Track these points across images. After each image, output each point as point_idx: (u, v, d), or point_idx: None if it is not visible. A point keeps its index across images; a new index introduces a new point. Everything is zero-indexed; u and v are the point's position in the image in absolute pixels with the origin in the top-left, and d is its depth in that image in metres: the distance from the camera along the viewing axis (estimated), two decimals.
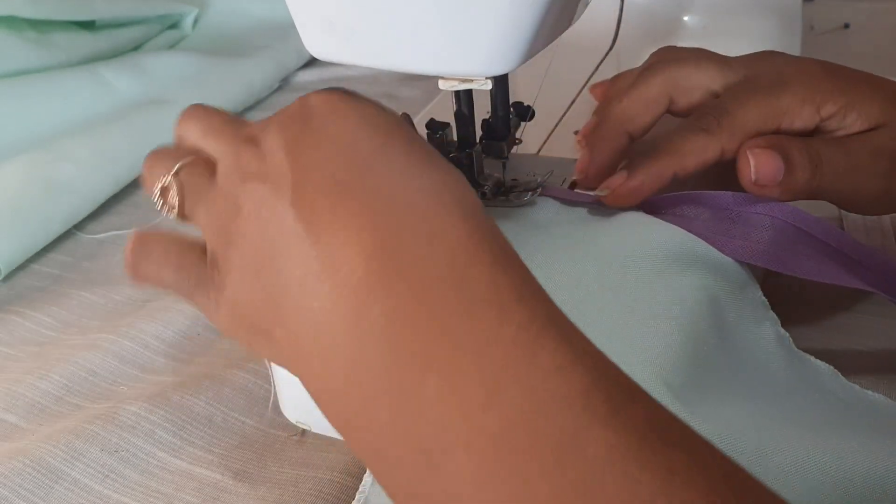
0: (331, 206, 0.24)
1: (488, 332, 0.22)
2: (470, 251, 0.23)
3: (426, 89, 0.72)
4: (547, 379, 0.21)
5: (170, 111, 0.67)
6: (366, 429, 0.23)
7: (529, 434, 0.20)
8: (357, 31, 0.34)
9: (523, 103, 0.41)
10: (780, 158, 0.36)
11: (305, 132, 0.27)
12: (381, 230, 0.24)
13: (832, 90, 0.37)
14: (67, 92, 0.67)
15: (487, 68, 0.33)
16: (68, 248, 0.58)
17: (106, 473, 0.39)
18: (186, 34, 0.84)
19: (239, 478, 0.38)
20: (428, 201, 0.24)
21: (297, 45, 0.79)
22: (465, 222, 0.24)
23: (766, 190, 0.36)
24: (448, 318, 0.22)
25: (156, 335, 0.47)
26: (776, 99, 0.37)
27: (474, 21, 0.31)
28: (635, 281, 0.35)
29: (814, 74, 0.38)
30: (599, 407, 0.20)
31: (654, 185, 0.37)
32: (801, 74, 0.38)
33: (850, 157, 0.37)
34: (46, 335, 0.49)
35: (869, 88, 0.37)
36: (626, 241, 0.36)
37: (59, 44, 0.71)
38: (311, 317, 0.24)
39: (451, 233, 0.23)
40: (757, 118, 0.37)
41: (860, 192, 0.37)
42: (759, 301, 0.37)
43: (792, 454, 0.30)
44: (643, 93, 0.41)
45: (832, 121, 0.37)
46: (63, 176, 0.58)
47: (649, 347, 0.32)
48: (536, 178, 0.42)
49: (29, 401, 0.43)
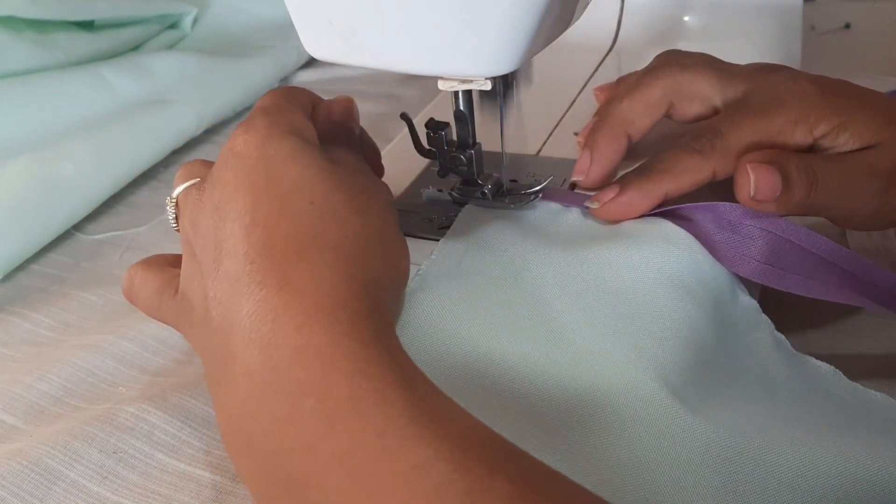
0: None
1: (348, 442, 0.25)
2: (328, 362, 0.27)
3: (426, 89, 0.72)
4: (407, 479, 0.23)
5: (169, 111, 0.68)
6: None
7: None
8: (357, 31, 0.33)
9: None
10: (779, 174, 0.36)
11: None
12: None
13: (826, 110, 0.37)
14: (67, 92, 0.67)
15: (487, 68, 0.33)
16: (67, 248, 0.58)
17: (104, 475, 0.39)
18: (186, 34, 0.84)
19: (238, 479, 0.38)
20: (302, 305, 0.28)
21: (296, 45, 0.79)
22: (329, 330, 0.28)
23: (763, 205, 0.36)
24: (314, 430, 0.26)
25: (154, 336, 0.47)
26: (769, 120, 0.37)
27: (474, 21, 0.31)
28: (634, 283, 0.35)
29: (808, 94, 0.38)
30: (456, 497, 0.22)
31: (644, 202, 0.38)
32: (796, 94, 0.38)
33: (844, 175, 0.37)
34: (45, 336, 0.49)
35: (862, 109, 0.38)
36: (627, 246, 0.36)
37: (58, 44, 0.71)
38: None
39: (316, 342, 0.27)
40: (750, 140, 0.37)
41: (854, 209, 0.37)
42: (752, 306, 0.37)
43: (795, 457, 0.30)
44: (645, 95, 0.41)
45: (826, 140, 0.37)
46: (62, 176, 0.58)
47: (649, 349, 0.32)
48: (536, 179, 0.42)
49: (27, 402, 0.43)
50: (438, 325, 0.34)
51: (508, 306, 0.35)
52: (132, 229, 0.59)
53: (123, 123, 0.65)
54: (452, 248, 0.38)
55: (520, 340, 0.33)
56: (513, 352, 0.33)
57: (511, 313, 0.34)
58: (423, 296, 0.35)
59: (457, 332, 0.34)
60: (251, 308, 0.29)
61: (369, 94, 0.76)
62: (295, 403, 0.26)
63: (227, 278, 0.30)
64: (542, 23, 0.32)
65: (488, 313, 0.34)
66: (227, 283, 0.30)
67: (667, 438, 0.30)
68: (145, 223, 0.59)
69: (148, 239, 0.58)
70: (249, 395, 0.28)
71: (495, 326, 0.34)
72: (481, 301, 0.35)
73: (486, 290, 0.35)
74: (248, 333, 0.28)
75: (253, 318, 0.29)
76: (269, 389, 0.27)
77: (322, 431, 0.25)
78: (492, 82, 0.34)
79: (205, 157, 0.68)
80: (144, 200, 0.63)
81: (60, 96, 0.67)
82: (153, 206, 0.62)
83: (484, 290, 0.35)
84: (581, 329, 0.33)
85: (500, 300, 0.35)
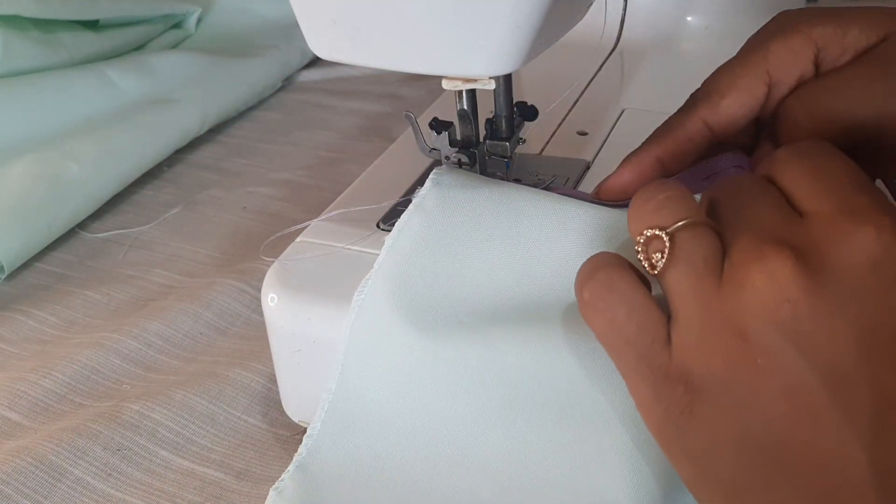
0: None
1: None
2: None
3: (429, 89, 0.72)
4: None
5: (173, 110, 0.68)
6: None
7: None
8: (361, 30, 0.33)
9: (527, 103, 0.41)
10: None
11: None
12: None
13: (820, 17, 0.32)
14: (71, 91, 0.67)
15: (491, 68, 0.33)
16: (72, 246, 0.58)
17: (108, 472, 0.39)
18: (190, 33, 0.85)
19: (241, 477, 0.38)
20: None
21: (300, 45, 0.80)
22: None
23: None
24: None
25: (158, 334, 0.47)
26: (757, 53, 0.33)
27: (478, 20, 0.31)
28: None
29: (792, 17, 0.33)
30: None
31: (635, 172, 0.34)
32: (780, 23, 0.33)
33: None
34: (49, 333, 0.49)
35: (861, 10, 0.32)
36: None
37: (63, 43, 0.71)
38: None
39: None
40: (731, 79, 0.33)
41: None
42: None
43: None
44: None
45: (831, 47, 0.32)
46: (67, 175, 0.58)
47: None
48: (540, 178, 0.42)
49: (32, 399, 0.43)
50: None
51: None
52: (136, 228, 0.59)
53: (127, 122, 0.65)
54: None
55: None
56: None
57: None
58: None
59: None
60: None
61: (373, 93, 0.77)
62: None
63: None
64: (546, 22, 0.32)
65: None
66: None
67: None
68: (149, 222, 0.60)
69: (152, 237, 0.58)
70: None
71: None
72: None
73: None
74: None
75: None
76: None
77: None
78: (495, 82, 0.34)
79: (208, 156, 0.69)
80: (148, 199, 0.63)
81: (65, 95, 0.67)
82: (157, 204, 0.62)
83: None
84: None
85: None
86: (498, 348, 0.31)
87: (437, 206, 0.34)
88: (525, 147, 0.43)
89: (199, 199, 0.62)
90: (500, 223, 0.33)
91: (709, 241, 0.24)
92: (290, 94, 0.79)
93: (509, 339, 0.31)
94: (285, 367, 0.38)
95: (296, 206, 0.60)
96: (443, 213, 0.34)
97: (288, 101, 0.78)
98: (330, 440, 0.33)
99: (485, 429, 0.32)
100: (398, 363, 0.33)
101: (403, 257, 0.33)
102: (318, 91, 0.79)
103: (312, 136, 0.71)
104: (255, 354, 0.44)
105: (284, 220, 0.57)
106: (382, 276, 0.33)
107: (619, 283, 0.26)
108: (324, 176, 0.64)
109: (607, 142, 0.46)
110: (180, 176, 0.66)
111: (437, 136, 0.40)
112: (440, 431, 0.32)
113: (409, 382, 0.32)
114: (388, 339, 0.33)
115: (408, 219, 0.34)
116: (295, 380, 0.38)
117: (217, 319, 0.48)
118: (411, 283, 0.33)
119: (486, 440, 0.32)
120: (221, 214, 0.60)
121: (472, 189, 0.34)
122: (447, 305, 0.33)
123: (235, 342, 0.47)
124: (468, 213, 0.34)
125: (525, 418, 0.31)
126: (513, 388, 0.31)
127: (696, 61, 0.55)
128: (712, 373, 0.24)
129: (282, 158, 0.67)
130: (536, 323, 0.31)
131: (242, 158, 0.68)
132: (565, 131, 0.49)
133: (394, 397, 0.33)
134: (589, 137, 0.47)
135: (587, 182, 0.43)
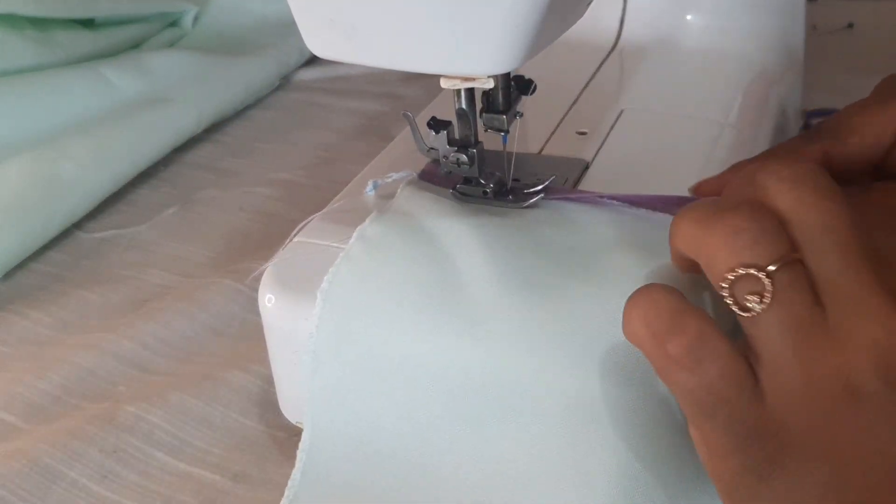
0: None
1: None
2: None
3: (428, 88, 0.72)
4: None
5: (170, 109, 0.68)
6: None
7: None
8: (358, 29, 0.33)
9: (524, 77, 0.41)
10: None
11: None
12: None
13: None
14: (67, 90, 0.67)
15: (489, 67, 0.33)
16: (68, 246, 0.57)
17: (104, 474, 0.38)
18: (186, 32, 0.84)
19: (238, 479, 0.38)
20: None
21: (297, 43, 0.79)
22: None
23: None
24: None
25: (154, 335, 0.47)
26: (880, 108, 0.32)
27: (476, 19, 0.31)
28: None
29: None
30: None
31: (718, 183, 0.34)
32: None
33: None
34: (45, 334, 0.49)
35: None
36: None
37: (59, 42, 0.71)
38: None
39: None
40: (865, 118, 0.32)
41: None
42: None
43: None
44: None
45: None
46: (63, 174, 0.58)
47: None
48: (539, 178, 0.41)
49: (27, 401, 0.43)
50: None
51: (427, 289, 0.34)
52: (132, 228, 0.59)
53: (124, 122, 0.65)
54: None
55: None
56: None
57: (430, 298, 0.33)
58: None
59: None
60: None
61: (371, 92, 0.76)
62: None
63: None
64: (545, 21, 0.31)
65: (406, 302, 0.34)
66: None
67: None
68: (145, 221, 0.59)
69: (148, 237, 0.58)
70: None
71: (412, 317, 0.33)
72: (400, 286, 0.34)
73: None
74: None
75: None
76: None
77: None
78: (494, 81, 0.34)
79: (205, 155, 0.68)
80: (145, 199, 0.63)
81: (61, 94, 0.66)
82: (153, 204, 0.62)
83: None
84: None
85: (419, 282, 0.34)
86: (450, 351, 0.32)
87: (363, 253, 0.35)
88: (524, 147, 0.43)
89: (195, 199, 0.62)
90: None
91: (808, 284, 0.22)
92: (287, 93, 0.79)
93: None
94: (282, 369, 0.38)
95: (293, 206, 0.60)
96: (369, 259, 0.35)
97: (285, 100, 0.78)
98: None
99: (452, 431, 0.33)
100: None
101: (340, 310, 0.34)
102: (315, 90, 0.79)
103: (310, 135, 0.70)
104: (252, 356, 0.44)
105: (282, 221, 0.57)
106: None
107: (710, 337, 0.23)
108: (322, 176, 0.64)
109: (606, 141, 0.46)
110: (177, 176, 0.66)
111: (435, 136, 0.40)
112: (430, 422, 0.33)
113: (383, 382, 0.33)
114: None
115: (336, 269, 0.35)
116: (292, 381, 0.38)
117: (213, 320, 0.48)
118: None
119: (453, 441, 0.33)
120: (218, 214, 0.60)
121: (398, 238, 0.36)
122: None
123: (232, 343, 0.47)
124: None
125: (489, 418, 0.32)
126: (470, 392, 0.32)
127: (696, 60, 0.55)
128: (812, 427, 0.22)
129: (279, 158, 0.67)
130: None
131: (239, 158, 0.68)
132: (564, 131, 0.48)
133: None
134: (588, 137, 0.46)
135: (586, 182, 0.43)
